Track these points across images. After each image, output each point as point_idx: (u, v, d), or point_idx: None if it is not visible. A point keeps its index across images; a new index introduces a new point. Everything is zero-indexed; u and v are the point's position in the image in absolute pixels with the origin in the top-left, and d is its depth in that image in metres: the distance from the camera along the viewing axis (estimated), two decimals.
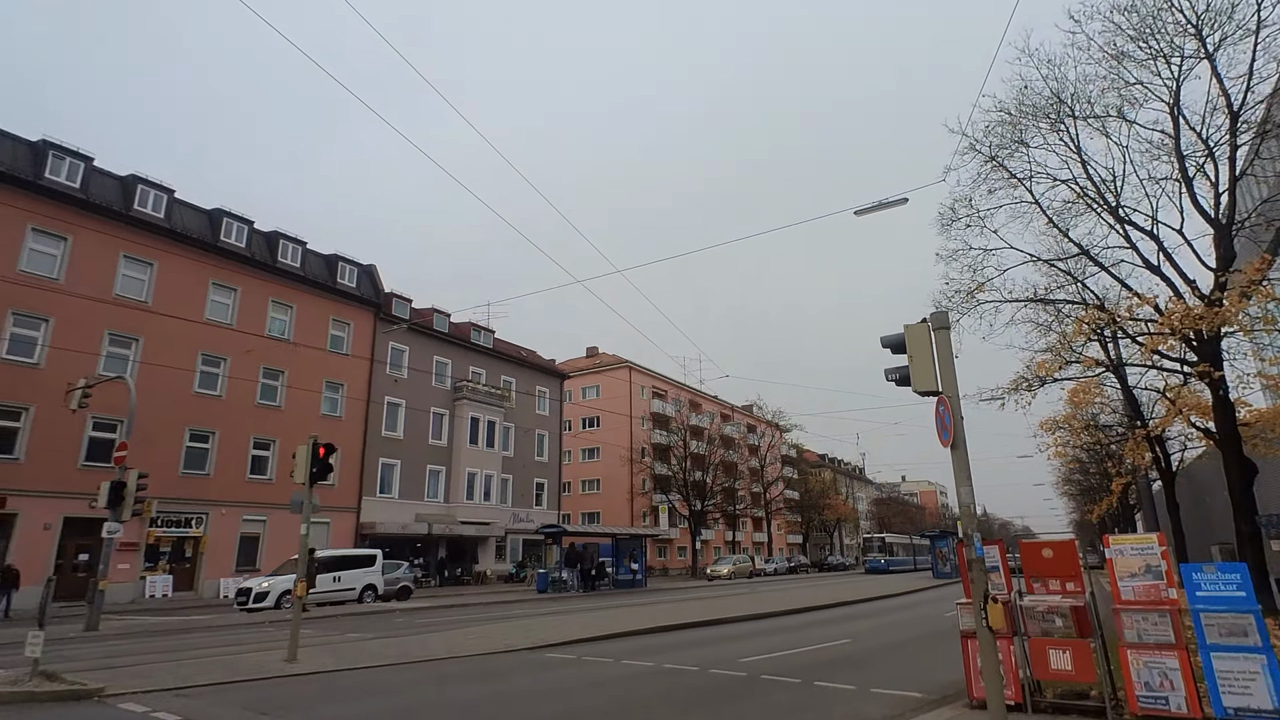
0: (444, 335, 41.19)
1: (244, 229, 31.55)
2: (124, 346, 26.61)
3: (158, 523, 26.92)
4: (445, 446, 39.83)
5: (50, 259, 25.00)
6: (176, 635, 14.80)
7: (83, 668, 9.44)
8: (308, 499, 10.82)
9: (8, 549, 22.93)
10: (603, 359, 64.79)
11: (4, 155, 24.43)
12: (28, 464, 23.42)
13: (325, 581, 22.02)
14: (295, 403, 32.16)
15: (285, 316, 32.67)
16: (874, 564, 53.63)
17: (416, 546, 37.91)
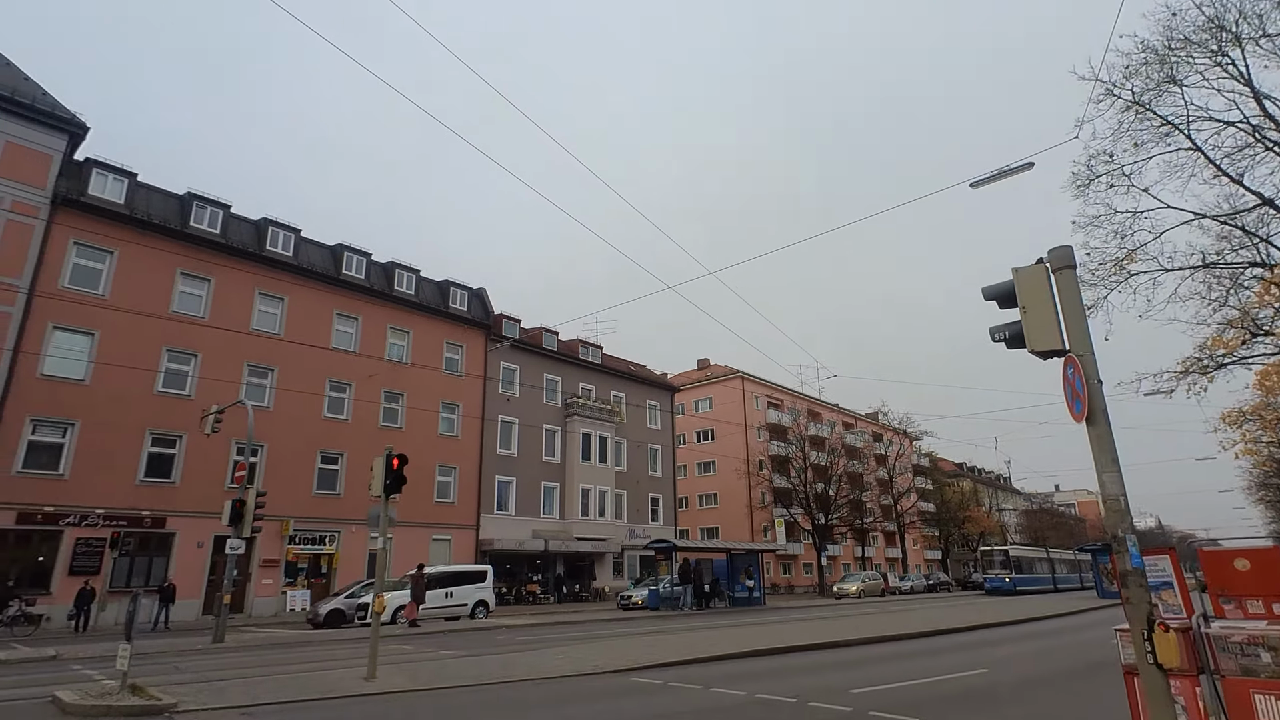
0: (553, 353, 41.76)
1: (363, 261, 33.51)
2: (261, 376, 28.76)
3: (295, 540, 28.67)
4: (558, 463, 40.17)
5: (196, 299, 27.54)
6: (287, 649, 15.28)
7: (177, 681, 9.66)
8: (384, 511, 10.65)
9: (168, 566, 25.15)
10: (714, 370, 63.58)
11: (156, 208, 27.30)
12: (182, 487, 25.65)
13: (438, 597, 22.39)
14: (415, 423, 33.54)
15: (403, 341, 34.28)
16: (995, 583, 43.15)
17: (535, 563, 38.35)
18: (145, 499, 24.85)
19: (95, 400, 24.19)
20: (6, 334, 22.62)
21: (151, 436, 25.41)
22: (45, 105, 24.98)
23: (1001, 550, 46.14)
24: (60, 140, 25.00)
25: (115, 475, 24.31)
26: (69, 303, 24.22)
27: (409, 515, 32.10)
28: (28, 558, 22.61)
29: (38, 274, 23.58)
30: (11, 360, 22.60)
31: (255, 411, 27.09)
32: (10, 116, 24.04)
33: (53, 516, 22.84)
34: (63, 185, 24.64)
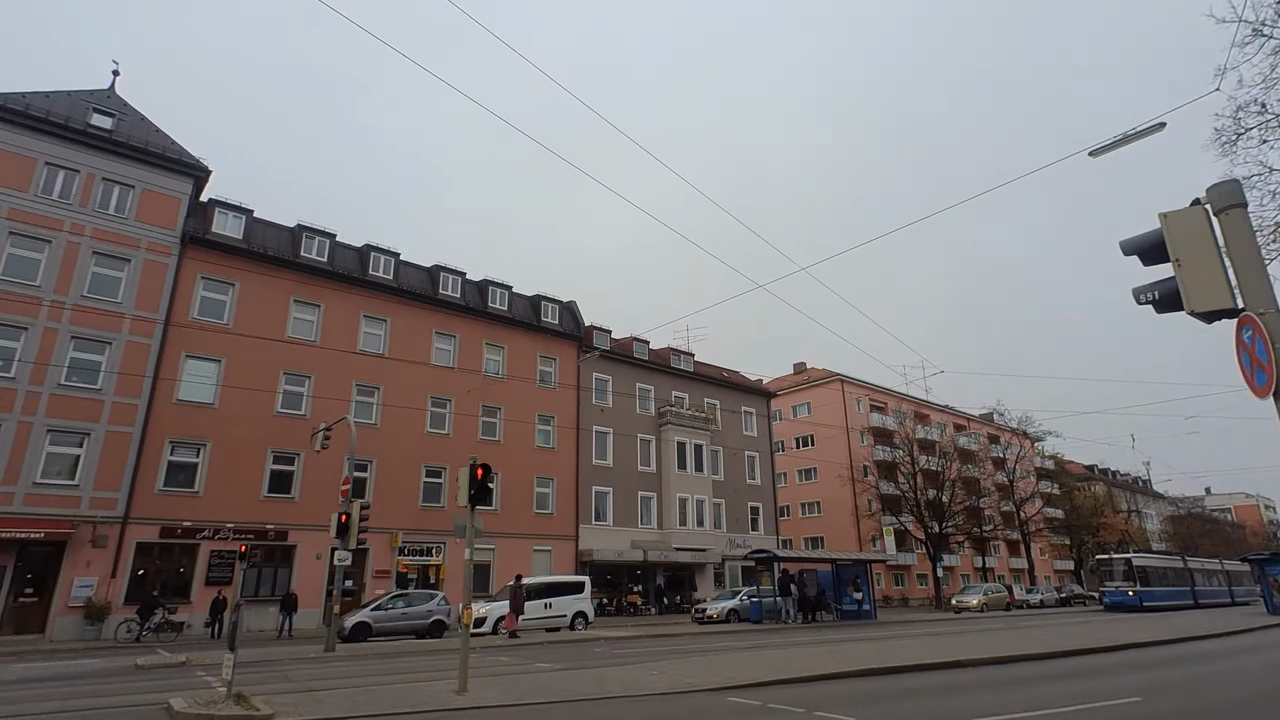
0: (644, 362, 41.64)
1: (458, 280, 34.67)
2: (368, 395, 30.17)
3: (404, 552, 29.75)
4: (654, 472, 39.87)
5: (309, 324, 29.28)
6: (393, 658, 15.62)
7: (283, 690, 9.92)
8: (470, 521, 10.58)
9: (290, 576, 26.67)
10: (811, 374, 61.53)
11: (270, 240, 29.31)
12: (301, 502, 27.17)
13: (537, 608, 22.46)
14: (512, 436, 34.22)
15: (498, 356, 35.13)
16: (1117, 597, 36.61)
17: (635, 573, 38.14)
18: (269, 513, 26.49)
19: (223, 422, 26.09)
20: (146, 363, 24.81)
21: (273, 455, 27.11)
22: (174, 154, 27.39)
23: (1122, 558, 38.62)
24: (187, 184, 27.33)
25: (243, 491, 26.07)
26: (198, 332, 26.32)
27: (510, 527, 32.74)
28: (170, 569, 24.56)
29: (171, 307, 25.77)
30: (151, 387, 24.75)
31: (364, 428, 28.57)
32: (146, 166, 26.51)
33: (190, 531, 24.72)
34: (190, 225, 26.89)
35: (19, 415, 22.27)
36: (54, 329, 23.39)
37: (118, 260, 25.16)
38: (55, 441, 22.84)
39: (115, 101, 27.97)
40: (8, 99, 24.33)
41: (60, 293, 23.74)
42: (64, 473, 22.84)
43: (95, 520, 22.92)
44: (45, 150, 24.56)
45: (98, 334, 24.14)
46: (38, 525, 21.73)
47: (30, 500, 22.01)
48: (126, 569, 23.38)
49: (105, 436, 23.59)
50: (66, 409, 23.10)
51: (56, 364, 23.13)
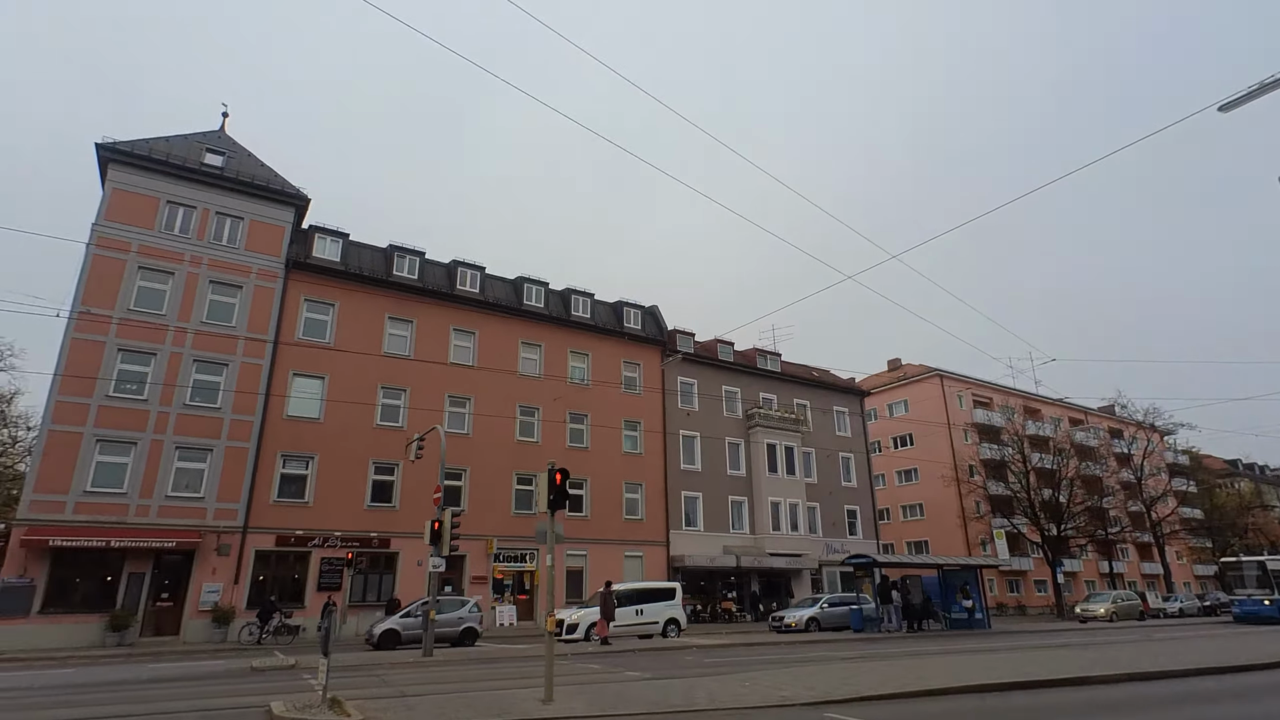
0: (729, 364, 40.97)
1: (541, 290, 35.26)
2: (460, 405, 31.07)
3: (499, 558, 30.37)
4: (744, 476, 39.07)
5: (402, 339, 30.49)
6: (489, 664, 15.79)
7: (378, 695, 10.11)
8: (550, 527, 10.46)
9: (394, 582, 27.73)
10: (907, 370, 58.80)
11: (365, 261, 30.76)
12: (401, 510, 28.23)
13: (628, 615, 22.26)
14: (600, 442, 34.37)
15: (583, 364, 35.43)
16: (1250, 607, 30.73)
17: (729, 580, 37.43)
18: (373, 522, 27.67)
19: (328, 436, 27.50)
20: (259, 382, 26.50)
21: (374, 465, 28.32)
22: (277, 185, 29.24)
23: (1255, 561, 32.60)
24: (289, 213, 29.11)
25: (348, 501, 27.37)
26: (303, 351, 27.91)
27: (600, 533, 32.85)
28: (286, 575, 26.05)
29: (279, 329, 27.46)
30: (264, 405, 26.41)
31: (456, 438, 29.40)
32: (253, 199, 28.43)
33: (302, 539, 26.14)
34: (293, 251, 28.61)
35: (151, 434, 24.26)
36: (178, 353, 25.38)
37: (231, 287, 27.06)
38: (183, 458, 24.73)
39: (225, 141, 30.20)
40: (134, 145, 26.70)
41: (183, 319, 25.75)
42: (191, 486, 24.67)
43: (219, 530, 24.62)
44: (166, 190, 26.78)
45: (215, 356, 26.01)
46: (170, 535, 23.55)
47: (163, 512, 23.90)
48: (248, 575, 24.96)
49: (225, 452, 25.34)
50: (191, 427, 24.98)
51: (182, 384, 25.07)
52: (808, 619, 27.19)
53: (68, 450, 22.88)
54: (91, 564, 22.80)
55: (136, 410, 24.21)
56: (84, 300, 24.22)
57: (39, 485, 22.38)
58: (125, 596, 23.01)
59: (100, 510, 22.86)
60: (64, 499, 22.50)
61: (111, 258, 25.15)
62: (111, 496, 23.18)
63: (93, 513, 22.73)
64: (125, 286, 25.10)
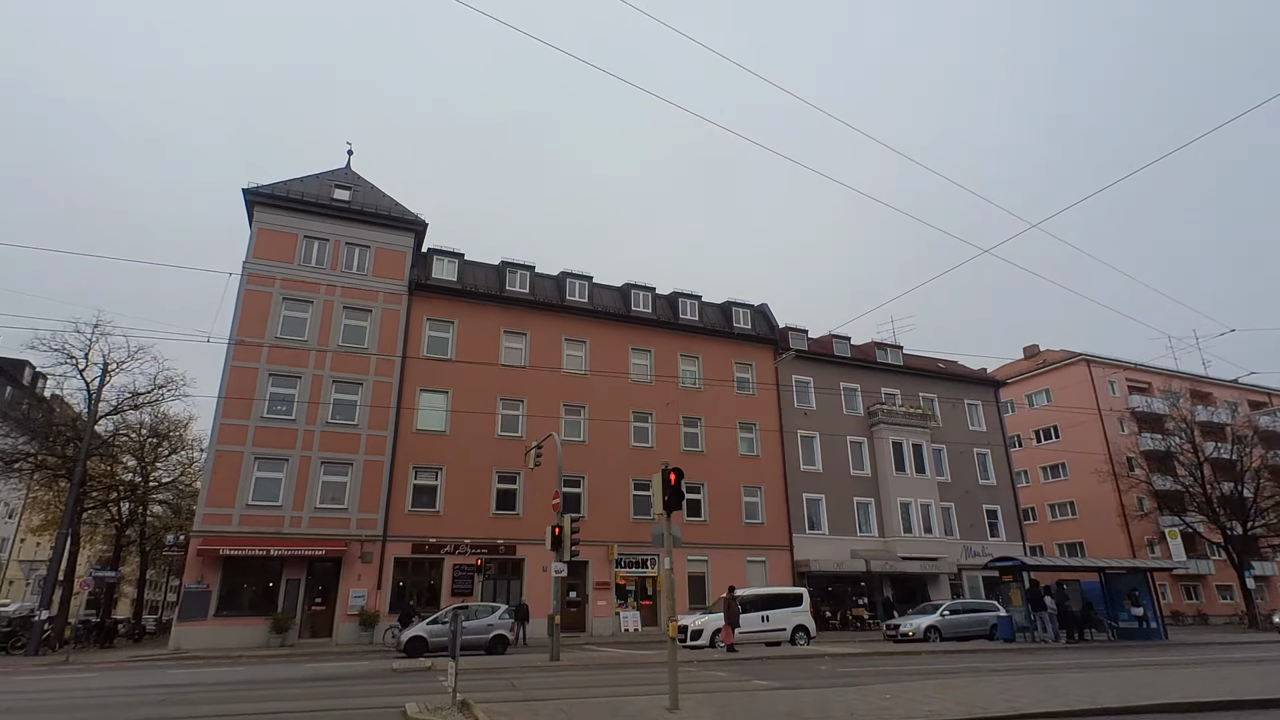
0: (846, 359, 39.23)
1: (648, 296, 35.30)
2: (575, 413, 31.58)
3: (620, 564, 30.50)
4: (869, 476, 37.18)
5: (518, 351, 31.45)
6: (615, 670, 15.70)
7: (506, 698, 10.19)
8: (667, 530, 10.16)
9: (521, 588, 28.49)
10: (1047, 356, 54.02)
11: (479, 279, 32.05)
12: (524, 518, 28.99)
13: (753, 621, 21.54)
14: (715, 445, 33.85)
15: (693, 367, 35.09)
16: None
17: (859, 585, 35.67)
18: (498, 529, 28.59)
19: (454, 447, 28.74)
20: (390, 398, 28.15)
21: (497, 474, 29.29)
22: (398, 213, 31.06)
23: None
24: (409, 238, 30.84)
25: (475, 510, 28.46)
26: (428, 367, 29.39)
27: (720, 538, 32.29)
28: (422, 581, 27.41)
29: (405, 348, 29.07)
30: (395, 420, 28.00)
31: (574, 446, 29.90)
32: (378, 228, 30.36)
33: (435, 547, 27.42)
34: (414, 274, 30.26)
35: (300, 451, 26.32)
36: (319, 375, 27.43)
37: (361, 311, 28.97)
38: (328, 472, 26.65)
39: (350, 176, 32.49)
40: (274, 188, 29.26)
41: (321, 343, 27.83)
42: (335, 498, 26.52)
43: (361, 539, 26.29)
44: (302, 226, 29.11)
45: (351, 376, 27.90)
46: (320, 544, 25.40)
47: (313, 523, 25.83)
48: (389, 581, 26.47)
49: (363, 465, 27.07)
50: (333, 443, 26.88)
51: (324, 402, 27.08)
52: (926, 627, 24.90)
53: (231, 468, 25.26)
54: (255, 571, 25.02)
55: (286, 429, 26.36)
56: (239, 331, 26.72)
57: (209, 500, 24.84)
58: (285, 601, 25.03)
59: (260, 522, 25.04)
60: (230, 512, 24.84)
61: (260, 291, 27.63)
62: (269, 509, 25.33)
63: (254, 524, 24.93)
64: (272, 316, 27.48)
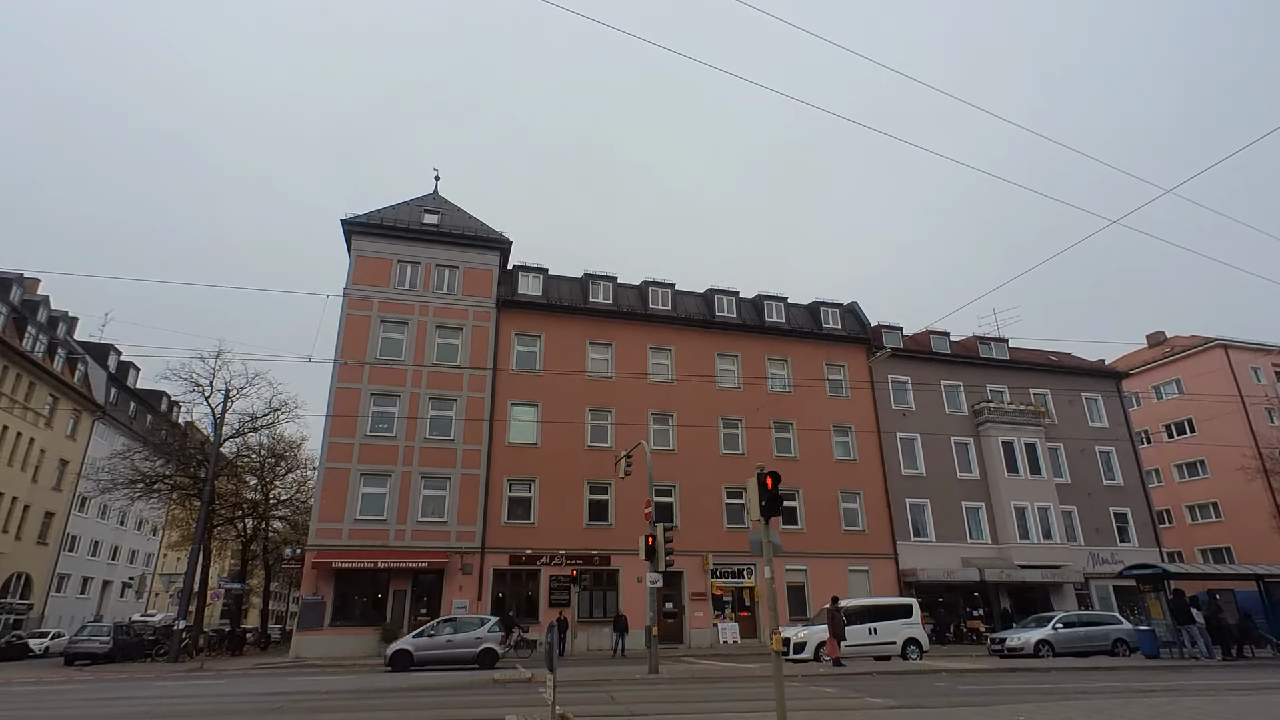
0: (946, 356, 37.17)
1: (732, 300, 34.71)
2: (663, 422, 31.34)
3: (716, 574, 29.89)
4: (978, 479, 34.94)
5: (604, 362, 31.58)
6: (713, 684, 15.23)
7: (605, 713, 9.97)
8: (765, 537, 9.66)
9: (618, 599, 28.40)
10: (1175, 343, 49.33)
11: (564, 292, 32.48)
12: (617, 528, 28.92)
13: (860, 633, 20.45)
14: (809, 450, 32.76)
15: (782, 371, 34.15)
16: None
17: (973, 595, 33.47)
18: (592, 540, 28.65)
19: (546, 459, 29.10)
20: (483, 412, 28.85)
21: (589, 485, 29.42)
22: (484, 234, 31.97)
23: None
24: (495, 257, 31.67)
25: (569, 521, 28.65)
26: (518, 382, 29.96)
27: (819, 546, 31.13)
28: (521, 592, 27.80)
29: (495, 363, 29.75)
30: (489, 434, 28.66)
31: (663, 455, 29.66)
32: (465, 249, 31.34)
33: (531, 558, 27.77)
34: (501, 291, 30.99)
35: (401, 466, 27.35)
36: (416, 393, 28.47)
37: (453, 330, 29.92)
38: (428, 486, 27.54)
39: (439, 201, 33.75)
40: (369, 217, 30.77)
41: (417, 362, 28.90)
42: (435, 512, 27.34)
43: (461, 551, 26.95)
44: (396, 251, 30.43)
45: (445, 393, 28.80)
46: (422, 556, 26.22)
47: (416, 535, 26.73)
48: (488, 592, 26.98)
49: (460, 479, 27.81)
50: (431, 458, 27.78)
51: (422, 417, 28.06)
52: (1037, 642, 22.51)
53: (340, 484, 26.53)
54: (364, 583, 26.10)
55: (388, 446, 27.46)
56: (342, 354, 28.13)
57: (321, 515, 26.15)
58: (392, 611, 25.96)
59: (367, 535, 26.13)
60: (340, 526, 26.05)
61: (360, 315, 29.03)
62: (374, 523, 26.41)
63: (362, 538, 26.04)
64: (372, 338, 28.79)
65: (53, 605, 41.36)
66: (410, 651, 19.96)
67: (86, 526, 45.14)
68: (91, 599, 46.28)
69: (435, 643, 20.25)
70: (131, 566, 51.80)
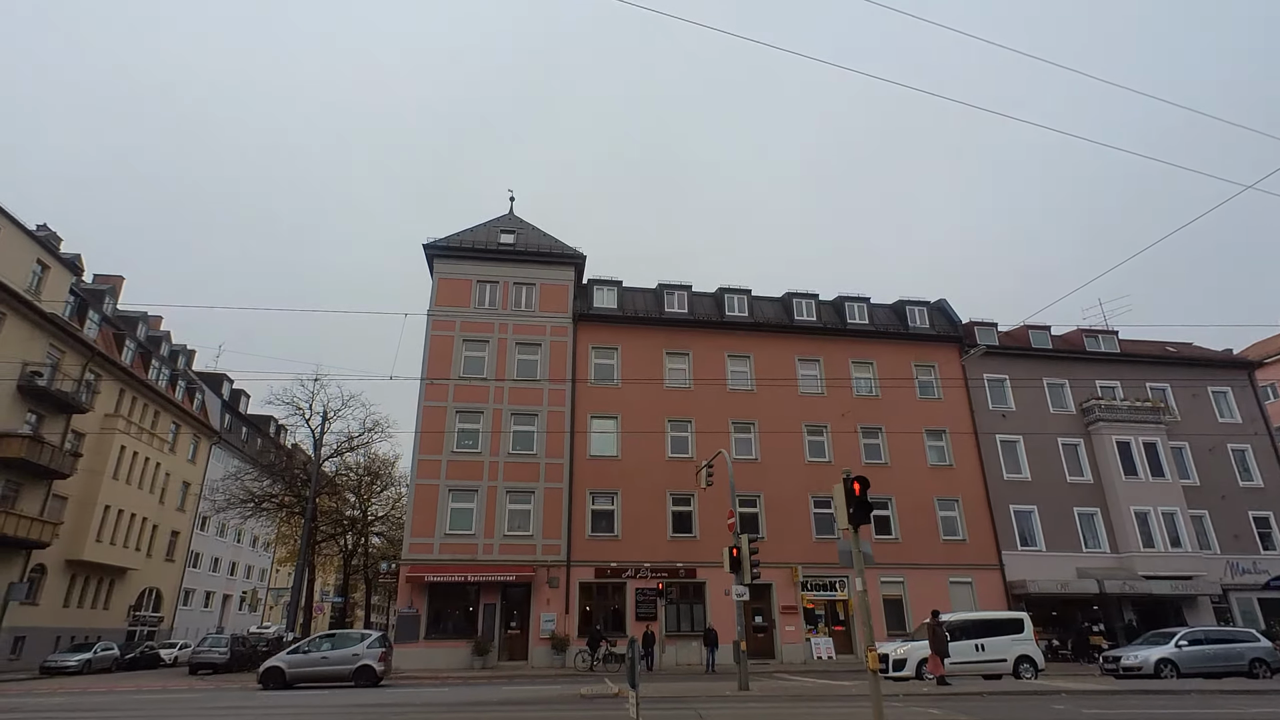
0: (1049, 352, 34.74)
1: (810, 304, 33.73)
2: (745, 431, 30.65)
3: (806, 587, 28.84)
4: (1091, 483, 32.32)
5: (681, 372, 31.28)
6: (808, 702, 14.49)
7: None
8: (855, 546, 9.06)
9: (705, 613, 27.83)
10: None
11: (639, 304, 32.45)
12: (701, 540, 28.40)
13: (965, 650, 19.08)
14: (900, 456, 31.26)
15: (867, 374, 32.82)
16: None
17: (1092, 609, 30.85)
18: (676, 552, 28.26)
19: (627, 471, 28.99)
20: (564, 425, 29.08)
21: (671, 497, 29.08)
22: (558, 250, 32.42)
23: None
24: (569, 272, 32.04)
25: (652, 533, 28.37)
26: (597, 395, 30.06)
27: (915, 557, 29.57)
28: (607, 605, 27.68)
29: (574, 377, 29.98)
30: (570, 448, 28.84)
31: (746, 464, 29.04)
32: (541, 266, 31.88)
33: (616, 571, 27.64)
34: (577, 305, 31.29)
35: (486, 482, 27.89)
36: (499, 409, 29.03)
37: (531, 346, 30.40)
38: (513, 500, 27.95)
39: (514, 221, 34.53)
40: (449, 240, 31.80)
41: (498, 379, 29.49)
42: (521, 526, 27.69)
43: (547, 564, 27.14)
44: (475, 271, 31.28)
45: (526, 408, 29.23)
46: (510, 570, 26.57)
47: (503, 549, 27.13)
48: (575, 606, 27.02)
49: (544, 493, 28.08)
50: (515, 473, 28.20)
51: (505, 432, 28.58)
52: (1157, 661, 20.08)
53: (430, 500, 27.30)
54: (456, 596, 26.66)
55: (473, 462, 28.08)
56: (428, 373, 29.07)
57: (414, 531, 26.96)
58: (483, 625, 26.39)
59: (456, 550, 26.73)
60: (431, 541, 26.77)
61: (443, 336, 29.95)
62: (463, 538, 26.99)
63: (451, 552, 26.66)
64: (455, 357, 29.63)
65: (180, 618, 44.56)
66: (283, 669, 19.14)
67: (208, 544, 48.51)
68: (214, 612, 49.61)
69: (310, 659, 19.50)
70: (247, 581, 55.27)
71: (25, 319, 29.75)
